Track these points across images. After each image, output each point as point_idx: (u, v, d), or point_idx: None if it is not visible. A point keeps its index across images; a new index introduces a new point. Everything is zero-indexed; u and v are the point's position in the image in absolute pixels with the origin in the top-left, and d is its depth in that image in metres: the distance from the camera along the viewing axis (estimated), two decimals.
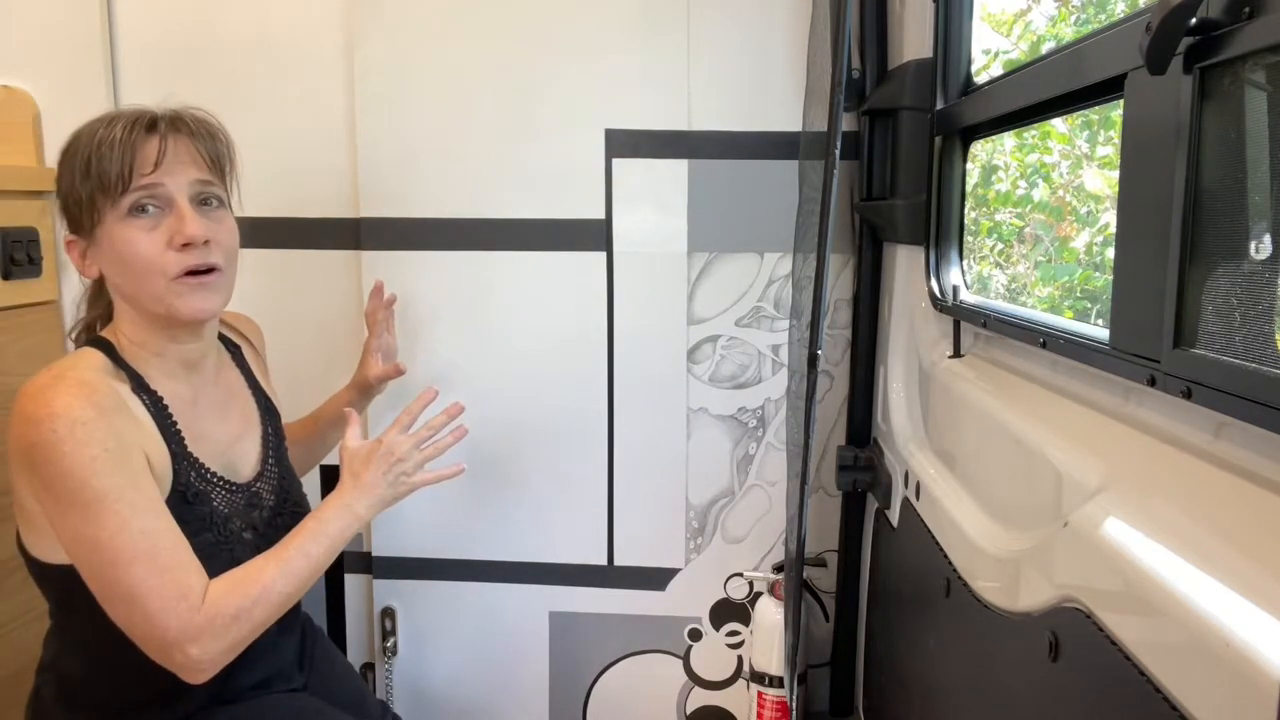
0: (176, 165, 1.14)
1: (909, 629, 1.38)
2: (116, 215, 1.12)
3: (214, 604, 1.08)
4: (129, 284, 1.15)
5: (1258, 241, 0.68)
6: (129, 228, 1.12)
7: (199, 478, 1.18)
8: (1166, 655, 0.65)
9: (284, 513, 1.31)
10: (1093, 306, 2.44)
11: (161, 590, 1.06)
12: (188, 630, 1.06)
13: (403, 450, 1.28)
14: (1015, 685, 0.94)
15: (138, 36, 1.73)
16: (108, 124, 1.13)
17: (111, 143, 1.11)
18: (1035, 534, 0.94)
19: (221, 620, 1.08)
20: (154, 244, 1.12)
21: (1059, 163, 2.54)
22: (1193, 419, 0.77)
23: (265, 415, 1.35)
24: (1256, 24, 0.63)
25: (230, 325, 1.40)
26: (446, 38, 1.67)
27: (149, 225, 1.13)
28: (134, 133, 1.12)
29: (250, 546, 1.23)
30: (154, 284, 1.13)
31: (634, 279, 1.71)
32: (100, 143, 1.11)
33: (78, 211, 1.14)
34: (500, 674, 1.85)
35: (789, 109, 1.63)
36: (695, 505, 1.77)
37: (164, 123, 1.15)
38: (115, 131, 1.12)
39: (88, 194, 1.11)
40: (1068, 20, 2.46)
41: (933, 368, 1.43)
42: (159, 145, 1.13)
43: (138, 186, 1.11)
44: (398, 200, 1.72)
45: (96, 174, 1.11)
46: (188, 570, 1.08)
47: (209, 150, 1.18)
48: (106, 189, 1.11)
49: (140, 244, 1.12)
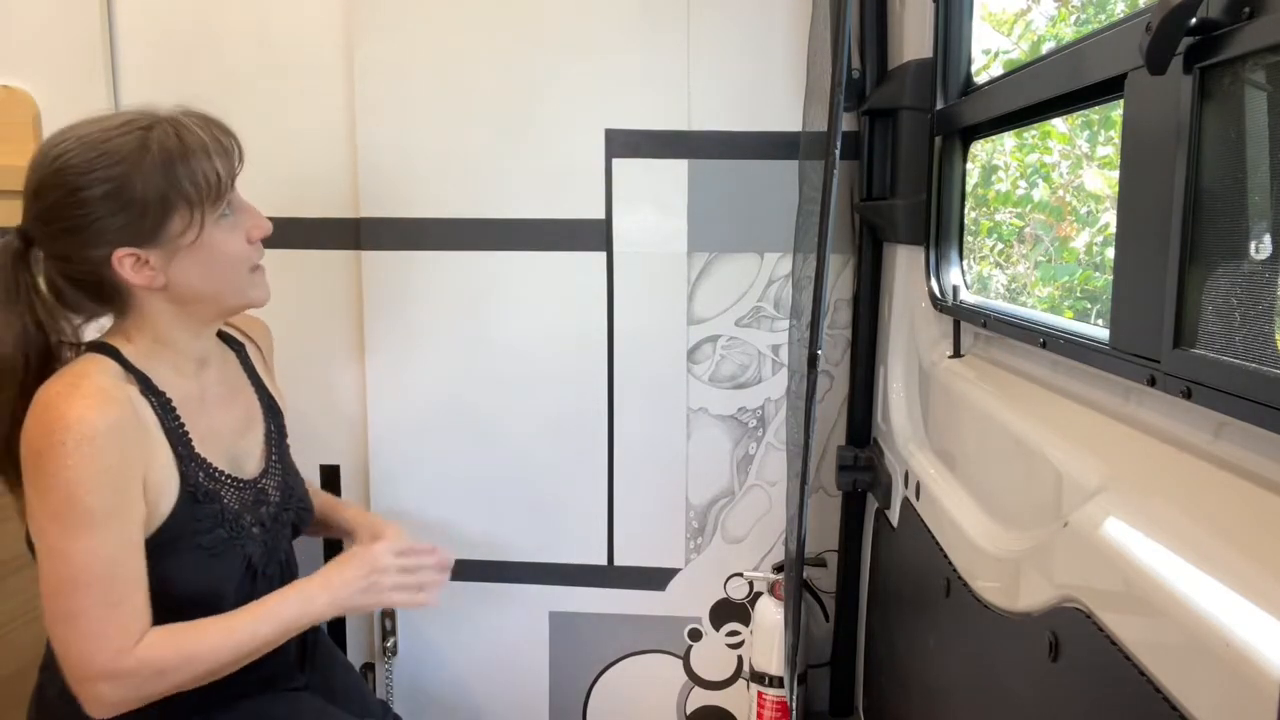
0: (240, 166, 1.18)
1: (909, 629, 1.38)
2: (212, 219, 1.14)
3: (145, 651, 1.09)
4: (219, 283, 1.17)
5: (1258, 241, 0.68)
6: (222, 230, 1.15)
7: (208, 477, 1.19)
8: (1166, 655, 0.65)
9: (289, 508, 1.32)
10: (1093, 306, 2.44)
11: (103, 621, 1.07)
12: (111, 669, 1.08)
13: (385, 563, 1.25)
14: (1015, 685, 0.94)
15: (138, 36, 1.73)
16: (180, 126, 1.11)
17: (199, 145, 1.11)
18: (1035, 534, 0.94)
19: (146, 671, 1.09)
20: (241, 242, 1.18)
21: (1059, 163, 2.54)
22: (1193, 419, 0.77)
23: (268, 413, 1.36)
24: (1256, 24, 0.63)
25: (235, 325, 1.41)
26: (446, 38, 1.67)
27: (233, 225, 1.17)
28: (216, 134, 1.13)
29: (258, 542, 1.24)
30: (241, 279, 1.19)
31: (634, 279, 1.71)
32: (186, 146, 1.10)
33: (156, 221, 1.10)
34: (500, 674, 1.85)
35: (789, 109, 1.63)
36: (695, 505, 1.77)
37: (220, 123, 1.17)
38: (199, 133, 1.11)
39: (167, 200, 1.09)
40: (1067, 20, 2.46)
41: (933, 368, 1.43)
42: (237, 148, 1.16)
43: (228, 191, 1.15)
44: (398, 200, 1.72)
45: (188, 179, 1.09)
46: (135, 611, 1.09)
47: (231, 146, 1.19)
48: (205, 195, 1.11)
49: (236, 243, 1.17)
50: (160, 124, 1.11)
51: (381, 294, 1.74)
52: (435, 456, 1.78)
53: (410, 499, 1.79)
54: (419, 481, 1.79)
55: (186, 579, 1.16)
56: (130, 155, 1.08)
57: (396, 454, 1.78)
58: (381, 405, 1.77)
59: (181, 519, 1.15)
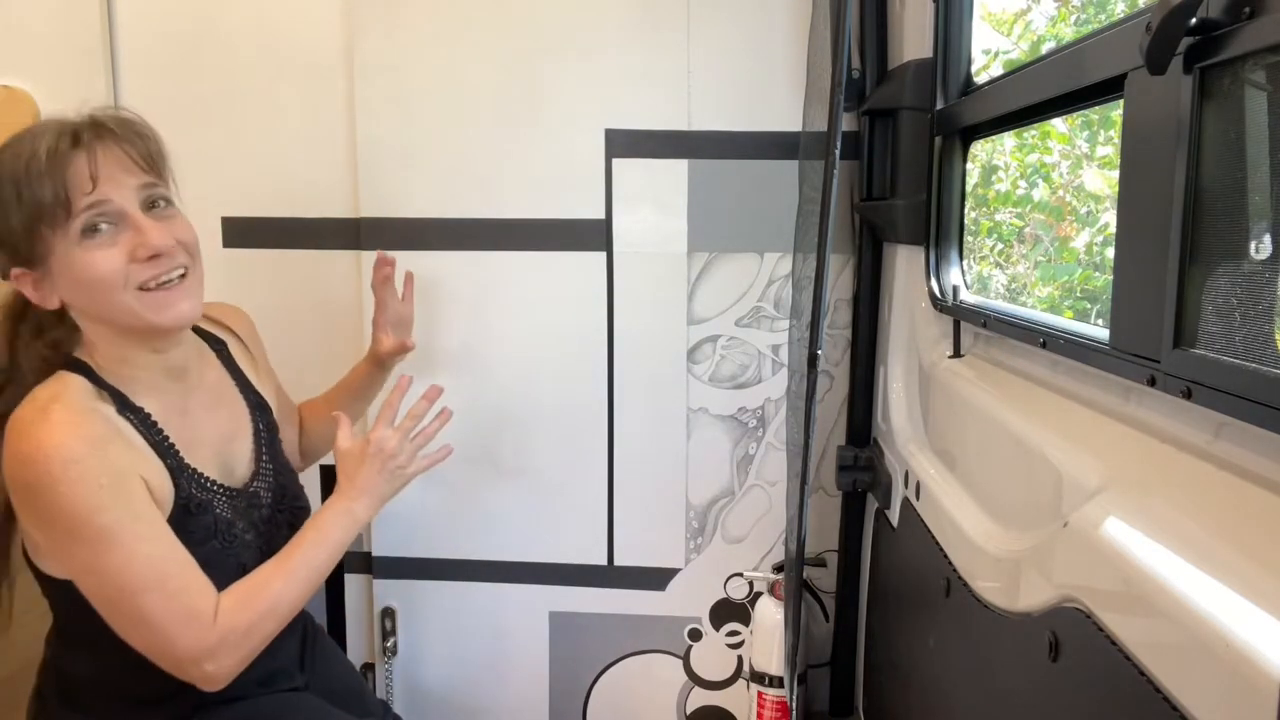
0: (115, 175, 1.06)
1: (909, 629, 1.38)
2: (68, 242, 1.04)
3: (225, 620, 1.10)
4: (98, 307, 1.09)
5: (1258, 241, 0.68)
6: (85, 251, 1.05)
7: (199, 488, 1.18)
8: (1166, 655, 0.65)
9: (283, 509, 1.31)
10: (1092, 306, 2.44)
11: (173, 614, 1.08)
12: (201, 649, 1.09)
13: (393, 445, 1.28)
14: (1015, 685, 0.94)
15: (138, 36, 1.73)
16: (29, 142, 1.04)
17: (38, 166, 1.02)
18: (1035, 534, 0.94)
19: (234, 636, 1.11)
20: (116, 261, 1.06)
21: (1059, 163, 2.54)
22: (1192, 419, 0.77)
23: (255, 411, 1.33)
24: (1256, 24, 0.63)
25: (214, 319, 1.35)
26: (446, 37, 1.67)
27: (106, 243, 1.06)
28: (58, 150, 1.03)
29: (253, 548, 1.23)
30: (124, 301, 1.07)
31: (634, 279, 1.71)
32: (27, 168, 1.02)
33: (19, 244, 1.05)
34: (500, 674, 1.85)
35: (789, 109, 1.63)
36: (695, 505, 1.77)
37: (87, 133, 1.06)
38: (39, 152, 1.02)
39: (25, 225, 1.03)
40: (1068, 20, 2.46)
41: (933, 368, 1.43)
42: (89, 159, 1.04)
43: (83, 208, 1.04)
44: (398, 200, 1.72)
45: (32, 203, 1.02)
46: (198, 591, 1.10)
47: (141, 152, 1.10)
48: (47, 217, 1.03)
49: (101, 265, 1.05)
50: (18, 142, 1.05)
51: None
52: None
53: (410, 499, 1.79)
54: (419, 481, 1.79)
55: None
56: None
57: None
58: (381, 405, 1.77)
59: (175, 531, 1.14)
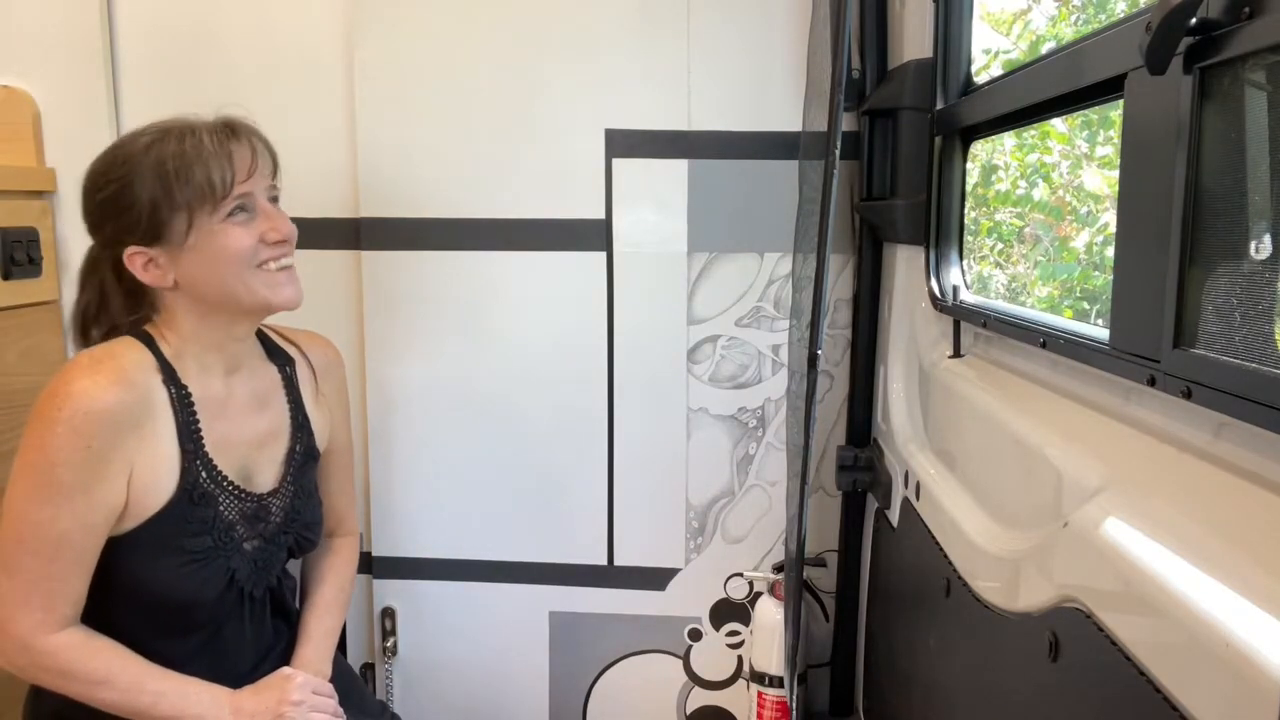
0: (260, 171, 1.20)
1: (909, 629, 1.38)
2: (216, 219, 1.16)
3: (62, 643, 1.12)
4: (220, 281, 1.18)
5: (1258, 241, 0.68)
6: (228, 230, 1.17)
7: (209, 479, 1.19)
8: (1166, 655, 0.65)
9: (289, 531, 1.31)
10: (1092, 306, 2.44)
11: (34, 589, 1.10)
12: (22, 639, 1.11)
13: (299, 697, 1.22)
14: (1015, 685, 0.94)
15: (138, 36, 1.73)
16: (182, 133, 1.16)
17: (205, 152, 1.15)
18: (1035, 534, 0.94)
19: (49, 663, 1.12)
20: (249, 239, 1.18)
21: (1059, 162, 2.54)
22: (1192, 419, 0.77)
23: (297, 431, 1.34)
24: (1256, 24, 0.63)
25: (290, 339, 1.40)
26: (446, 38, 1.67)
27: (244, 224, 1.18)
28: (224, 142, 1.17)
29: (249, 559, 1.24)
30: (246, 276, 1.18)
31: (634, 279, 1.71)
32: (197, 151, 1.14)
33: (161, 220, 1.15)
34: (500, 674, 1.85)
35: (789, 109, 1.63)
36: (695, 505, 1.77)
37: (243, 131, 1.20)
38: (204, 140, 1.15)
39: (184, 202, 1.14)
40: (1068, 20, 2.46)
41: (933, 368, 1.43)
42: (250, 152, 1.19)
43: (238, 193, 1.17)
44: (398, 200, 1.72)
45: (198, 182, 1.14)
46: (68, 594, 1.12)
47: (272, 156, 1.24)
48: (206, 196, 1.15)
49: (241, 242, 1.17)
50: (173, 132, 1.16)
51: (381, 294, 1.74)
52: (435, 456, 1.78)
53: (410, 499, 1.79)
54: (419, 481, 1.79)
55: (163, 580, 1.16)
56: (132, 161, 1.15)
57: (396, 454, 1.78)
58: (381, 405, 1.77)
59: (172, 517, 1.15)
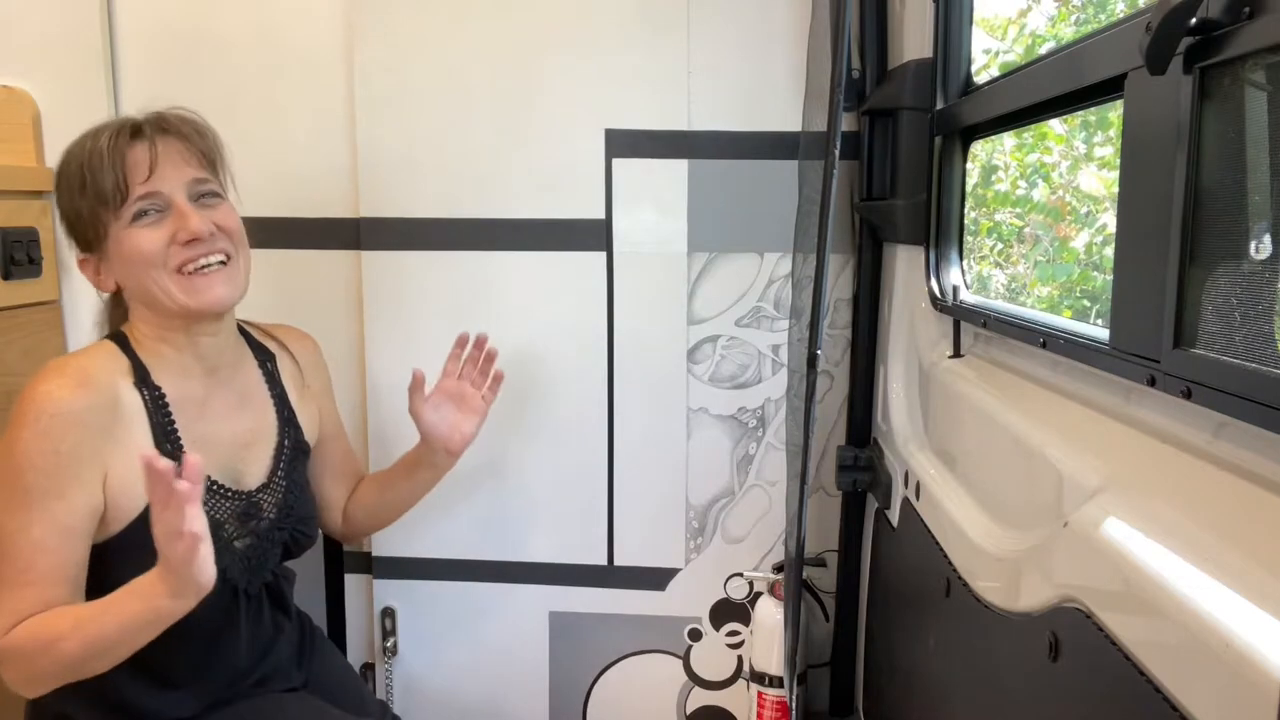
0: (169, 169, 1.16)
1: (909, 629, 1.38)
2: (120, 225, 1.15)
3: (15, 637, 1.09)
4: (142, 284, 1.17)
5: (1258, 241, 0.68)
6: (133, 232, 1.15)
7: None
8: (1166, 655, 0.65)
9: (283, 527, 1.30)
10: (1092, 306, 2.44)
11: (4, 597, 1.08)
12: None
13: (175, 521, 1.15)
14: (1015, 685, 0.94)
15: (138, 36, 1.73)
16: (94, 137, 1.15)
17: (100, 156, 1.13)
18: (1035, 534, 0.94)
19: (12, 654, 1.09)
20: (158, 241, 1.15)
21: (1059, 163, 2.55)
22: (1192, 419, 0.77)
23: (284, 426, 1.33)
24: (1256, 24, 0.63)
25: (270, 334, 1.40)
26: (446, 37, 1.67)
27: (151, 226, 1.16)
28: (120, 142, 1.14)
29: (240, 557, 1.23)
30: (162, 281, 1.16)
31: (634, 279, 1.71)
32: (90, 157, 1.14)
33: (83, 229, 1.17)
34: (500, 674, 1.85)
35: (789, 109, 1.63)
36: (695, 505, 1.77)
37: (149, 128, 1.17)
38: (101, 144, 1.14)
39: (89, 210, 1.14)
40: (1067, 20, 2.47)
41: (933, 368, 1.43)
42: (149, 151, 1.15)
43: (137, 196, 1.14)
44: (398, 200, 1.72)
45: (93, 189, 1.13)
46: (40, 602, 1.09)
47: (199, 148, 1.20)
48: (106, 202, 1.14)
49: (144, 244, 1.15)
50: (89, 136, 1.16)
51: (381, 294, 1.74)
52: None
53: None
54: None
55: None
56: (61, 169, 1.17)
57: (396, 454, 1.78)
58: (381, 405, 1.77)
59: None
